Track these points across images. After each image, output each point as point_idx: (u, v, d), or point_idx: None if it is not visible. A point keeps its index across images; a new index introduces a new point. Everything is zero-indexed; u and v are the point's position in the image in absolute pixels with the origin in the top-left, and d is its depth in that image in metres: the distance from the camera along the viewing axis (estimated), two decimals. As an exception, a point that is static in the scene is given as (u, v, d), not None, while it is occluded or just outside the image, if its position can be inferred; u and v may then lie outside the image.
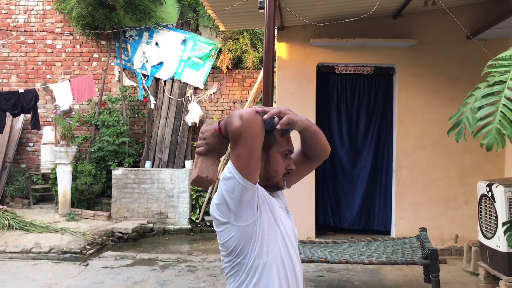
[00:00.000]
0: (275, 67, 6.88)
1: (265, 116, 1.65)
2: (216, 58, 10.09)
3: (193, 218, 9.21)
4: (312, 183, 6.84)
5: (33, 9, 10.54)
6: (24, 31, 10.47)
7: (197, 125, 9.99)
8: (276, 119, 1.75)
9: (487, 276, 5.31)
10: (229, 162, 1.68)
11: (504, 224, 3.53)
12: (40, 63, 10.52)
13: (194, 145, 10.01)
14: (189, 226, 9.12)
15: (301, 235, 6.58)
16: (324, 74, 7.06)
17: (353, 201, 7.16)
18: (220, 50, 10.10)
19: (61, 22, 10.49)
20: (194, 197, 9.31)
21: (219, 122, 1.74)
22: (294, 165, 1.89)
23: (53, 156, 9.22)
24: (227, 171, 1.68)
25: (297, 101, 6.82)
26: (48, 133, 9.95)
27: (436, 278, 4.51)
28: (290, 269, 1.82)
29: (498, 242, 4.96)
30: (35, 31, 10.49)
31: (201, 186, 1.82)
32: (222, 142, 1.77)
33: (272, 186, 1.88)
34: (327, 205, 7.21)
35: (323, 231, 7.16)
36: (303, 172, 2.08)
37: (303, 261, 4.76)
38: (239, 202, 1.68)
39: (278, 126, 1.72)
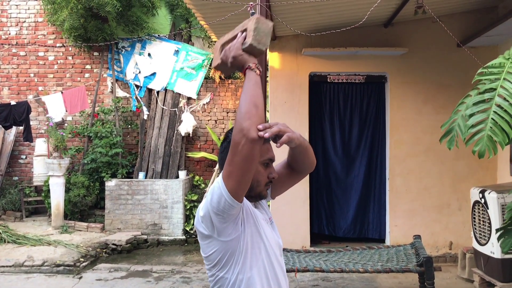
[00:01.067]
0: (267, 76, 6.91)
1: (266, 135, 1.62)
2: (209, 68, 10.11)
3: (187, 229, 9.17)
4: (307, 192, 6.85)
5: (25, 21, 10.54)
6: (16, 43, 10.46)
7: (190, 135, 9.98)
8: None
9: (482, 282, 5.32)
10: (220, 177, 1.67)
11: (497, 230, 3.55)
12: (32, 75, 10.49)
13: (188, 155, 10.00)
14: (184, 237, 9.07)
15: (296, 244, 6.57)
16: (317, 83, 7.10)
17: (347, 209, 7.16)
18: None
19: (53, 34, 10.48)
20: (188, 207, 9.27)
21: (246, 68, 1.74)
22: (276, 173, 1.89)
23: (46, 168, 9.17)
24: (216, 185, 1.67)
25: (290, 110, 6.85)
26: (40, 145, 9.90)
27: (431, 286, 4.50)
28: (274, 281, 1.81)
29: (492, 249, 4.98)
30: (27, 43, 10.48)
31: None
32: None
33: (255, 196, 1.87)
34: (322, 214, 7.21)
35: (318, 240, 7.16)
36: (288, 184, 2.09)
37: (298, 271, 4.74)
38: (224, 218, 1.67)
39: (277, 145, 1.73)
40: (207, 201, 1.70)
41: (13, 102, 9.28)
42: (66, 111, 9.47)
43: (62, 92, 9.49)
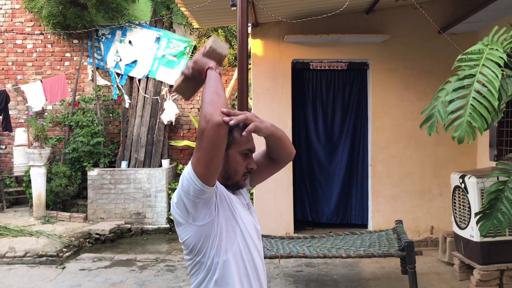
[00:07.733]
0: (250, 64, 6.88)
1: (231, 122, 1.63)
2: (191, 55, 10.03)
3: (171, 218, 9.14)
4: (290, 179, 6.87)
5: (1, 8, 10.30)
6: (-7, 31, 10.24)
7: (173, 124, 9.92)
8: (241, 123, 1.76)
9: (462, 265, 5.42)
10: (189, 163, 1.69)
11: (476, 214, 3.61)
12: (10, 63, 10.28)
13: (171, 143, 9.95)
14: (167, 226, 9.06)
15: (280, 231, 6.61)
16: (299, 70, 7.09)
17: (330, 195, 7.22)
18: (195, 48, 10.05)
19: (31, 21, 10.27)
20: (171, 196, 9.23)
21: (207, 69, 1.79)
22: (255, 164, 1.90)
23: (26, 158, 9.05)
24: (186, 171, 1.69)
25: (273, 97, 6.84)
26: (20, 135, 9.75)
27: (413, 270, 4.58)
28: (251, 264, 1.83)
29: (472, 232, 5.07)
30: (4, 31, 10.25)
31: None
32: (203, 82, 1.83)
33: (232, 185, 1.88)
34: (305, 200, 7.26)
35: (301, 226, 7.21)
36: (267, 173, 2.10)
37: (282, 257, 4.78)
38: (195, 202, 1.69)
39: (243, 133, 1.74)
40: (179, 187, 1.73)
41: (-9, 91, 9.11)
42: (46, 100, 9.34)
43: (41, 81, 9.35)
